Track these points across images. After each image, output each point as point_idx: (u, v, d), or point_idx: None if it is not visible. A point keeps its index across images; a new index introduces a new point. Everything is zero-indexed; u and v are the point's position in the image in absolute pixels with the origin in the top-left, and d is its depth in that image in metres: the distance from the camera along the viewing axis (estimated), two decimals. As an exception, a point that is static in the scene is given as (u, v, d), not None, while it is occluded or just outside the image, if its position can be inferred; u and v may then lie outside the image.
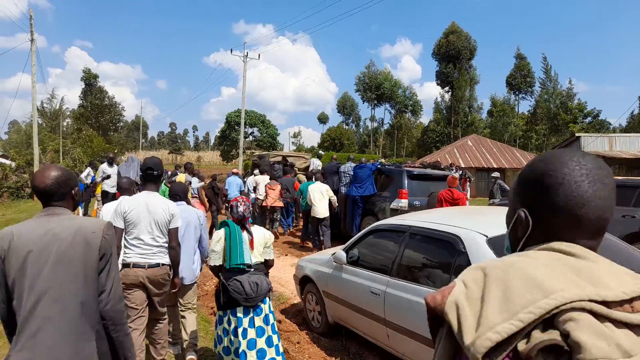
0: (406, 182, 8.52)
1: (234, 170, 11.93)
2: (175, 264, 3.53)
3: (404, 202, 8.27)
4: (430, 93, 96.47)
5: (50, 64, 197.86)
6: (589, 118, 44.85)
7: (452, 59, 47.08)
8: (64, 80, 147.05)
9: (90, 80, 51.25)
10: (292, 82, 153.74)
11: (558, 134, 45.58)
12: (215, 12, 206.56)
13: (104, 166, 10.54)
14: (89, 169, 13.16)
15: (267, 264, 3.63)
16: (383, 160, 23.45)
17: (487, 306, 0.71)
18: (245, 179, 12.00)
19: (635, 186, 7.74)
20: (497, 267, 0.78)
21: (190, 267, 3.96)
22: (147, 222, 3.39)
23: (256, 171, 11.69)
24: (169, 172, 11.87)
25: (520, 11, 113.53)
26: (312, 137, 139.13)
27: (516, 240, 0.89)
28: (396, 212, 7.76)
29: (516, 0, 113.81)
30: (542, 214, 0.83)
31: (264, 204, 10.08)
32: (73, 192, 1.95)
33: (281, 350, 3.54)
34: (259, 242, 3.54)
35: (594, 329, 0.64)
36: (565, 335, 0.65)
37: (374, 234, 4.42)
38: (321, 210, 8.46)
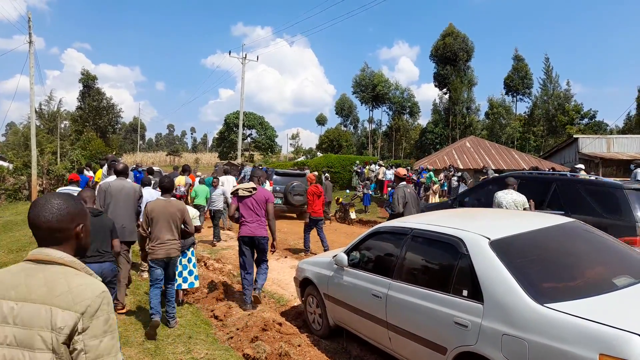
0: (274, 177, 14.86)
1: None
2: None
3: (270, 188, 12.97)
4: (427, 94, 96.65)
5: (48, 66, 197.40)
6: (586, 119, 44.98)
7: (450, 60, 47.11)
8: (61, 82, 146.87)
9: (88, 82, 51.12)
10: (290, 84, 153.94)
11: (555, 135, 45.67)
12: (213, 14, 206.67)
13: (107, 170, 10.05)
14: (86, 171, 13.12)
15: (196, 228, 5.81)
16: (382, 162, 23.45)
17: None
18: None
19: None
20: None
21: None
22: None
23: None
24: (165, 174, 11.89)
25: (517, 13, 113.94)
26: (310, 138, 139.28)
27: None
28: None
29: (513, 2, 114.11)
30: None
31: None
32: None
33: (196, 274, 5.83)
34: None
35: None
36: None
37: (376, 236, 4.41)
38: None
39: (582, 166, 12.57)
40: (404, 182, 7.03)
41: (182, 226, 4.98)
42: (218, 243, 10.01)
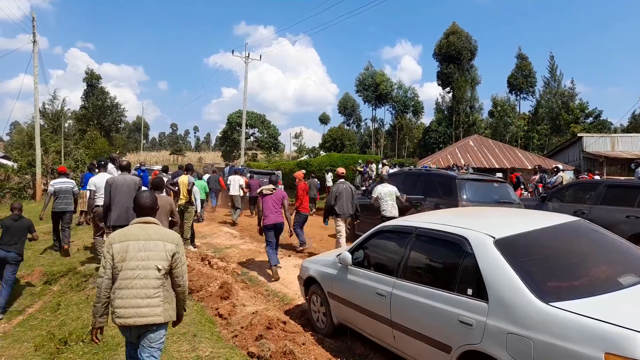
0: (248, 175, 16.77)
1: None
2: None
3: (242, 183, 14.96)
4: (430, 93, 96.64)
5: (51, 65, 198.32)
6: (591, 118, 44.75)
7: (453, 59, 47.01)
8: (65, 81, 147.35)
9: (92, 81, 51.30)
10: (293, 83, 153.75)
11: (560, 134, 45.50)
12: (216, 14, 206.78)
13: (112, 168, 10.05)
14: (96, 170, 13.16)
15: (173, 222, 6.59)
16: (386, 161, 23.43)
17: None
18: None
19: (639, 187, 7.72)
20: None
21: None
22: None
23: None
24: (170, 174, 11.99)
25: (521, 12, 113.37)
26: (313, 137, 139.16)
27: None
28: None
29: (517, 1, 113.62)
30: None
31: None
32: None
33: None
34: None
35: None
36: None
37: (380, 235, 4.41)
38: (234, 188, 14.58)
39: (560, 166, 13.30)
40: (342, 180, 8.56)
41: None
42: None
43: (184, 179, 9.68)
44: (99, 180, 7.87)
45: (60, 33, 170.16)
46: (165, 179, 8.65)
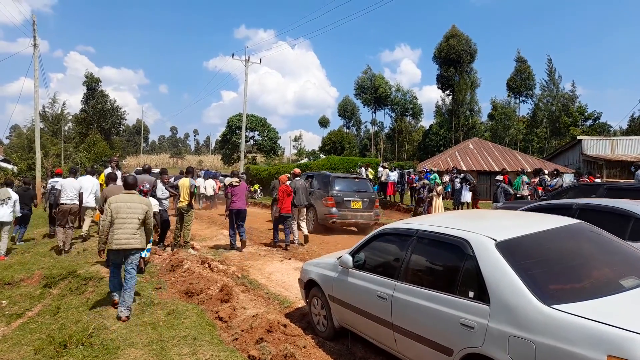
0: (219, 177, 20.70)
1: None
2: (80, 202, 9.72)
3: (215, 186, 20.06)
4: (429, 96, 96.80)
5: (51, 68, 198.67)
6: (590, 121, 44.84)
7: (453, 62, 47.11)
8: (65, 85, 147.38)
9: (92, 84, 51.33)
10: (292, 86, 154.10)
11: (559, 137, 45.54)
12: (216, 17, 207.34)
13: (109, 171, 10.23)
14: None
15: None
16: (385, 164, 23.41)
17: None
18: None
19: (638, 189, 7.71)
20: None
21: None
22: (71, 187, 9.51)
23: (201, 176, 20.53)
24: (172, 177, 11.99)
25: (521, 15, 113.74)
26: (313, 140, 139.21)
27: None
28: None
29: (516, 4, 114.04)
30: None
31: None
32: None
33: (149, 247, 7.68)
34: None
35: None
36: None
37: (381, 237, 4.40)
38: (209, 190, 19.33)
39: (546, 171, 14.17)
40: (298, 178, 10.70)
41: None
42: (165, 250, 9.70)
43: (184, 182, 9.68)
44: (65, 182, 9.63)
45: (60, 37, 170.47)
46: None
